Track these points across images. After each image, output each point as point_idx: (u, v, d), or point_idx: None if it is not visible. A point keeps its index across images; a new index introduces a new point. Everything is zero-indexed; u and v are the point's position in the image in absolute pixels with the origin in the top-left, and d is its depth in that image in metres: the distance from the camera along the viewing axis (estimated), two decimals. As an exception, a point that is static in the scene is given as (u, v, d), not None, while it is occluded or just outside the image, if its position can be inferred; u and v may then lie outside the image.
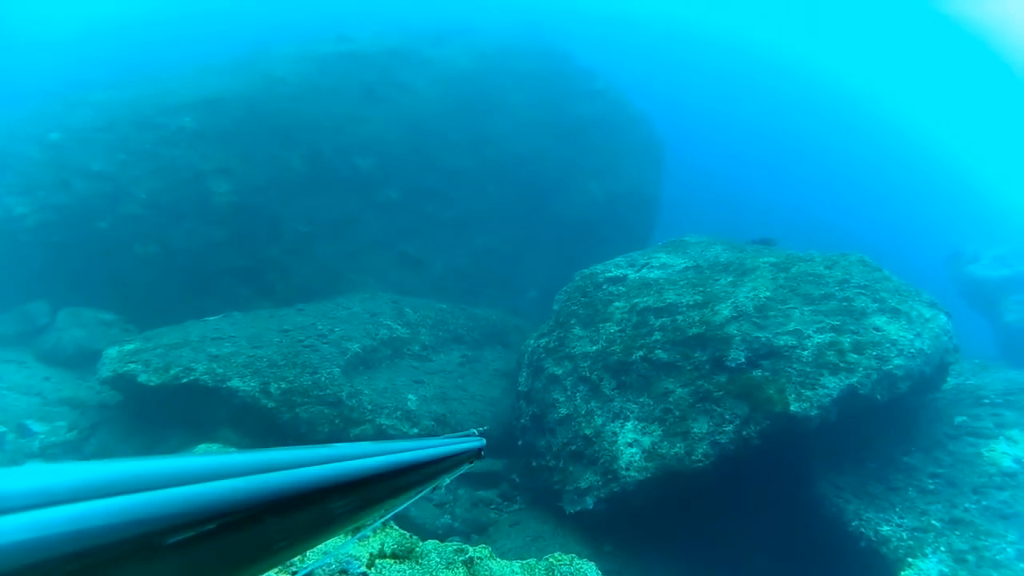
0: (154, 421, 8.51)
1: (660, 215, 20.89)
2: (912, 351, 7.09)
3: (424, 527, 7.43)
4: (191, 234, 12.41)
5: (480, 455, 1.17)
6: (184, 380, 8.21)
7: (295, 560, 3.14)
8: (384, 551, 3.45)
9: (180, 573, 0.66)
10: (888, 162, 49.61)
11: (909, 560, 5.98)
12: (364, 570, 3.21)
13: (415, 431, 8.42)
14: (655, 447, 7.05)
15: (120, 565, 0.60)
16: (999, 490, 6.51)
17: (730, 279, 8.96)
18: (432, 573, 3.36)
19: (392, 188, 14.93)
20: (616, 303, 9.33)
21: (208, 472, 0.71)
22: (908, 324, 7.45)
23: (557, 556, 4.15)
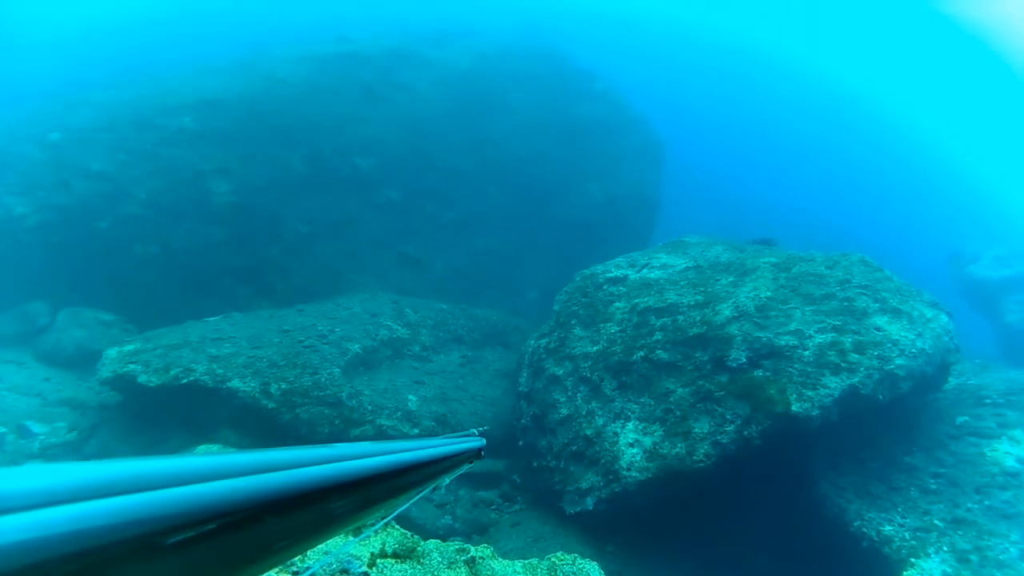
0: (154, 422, 8.50)
1: (660, 216, 20.87)
2: (914, 351, 7.07)
3: (425, 528, 7.41)
4: (191, 234, 12.40)
5: (480, 455, 1.17)
6: (184, 381, 8.20)
7: (296, 560, 3.12)
8: (385, 551, 3.43)
9: (180, 573, 0.66)
10: (888, 163, 49.62)
11: (912, 560, 5.96)
12: (365, 570, 3.19)
13: (415, 432, 8.39)
14: (656, 447, 7.04)
15: (120, 565, 0.60)
16: (1002, 490, 6.49)
17: (731, 279, 8.95)
18: (434, 573, 3.34)
19: (392, 188, 14.92)
20: (617, 303, 9.32)
21: (208, 472, 0.71)
22: (909, 324, 7.44)
23: (559, 556, 4.13)
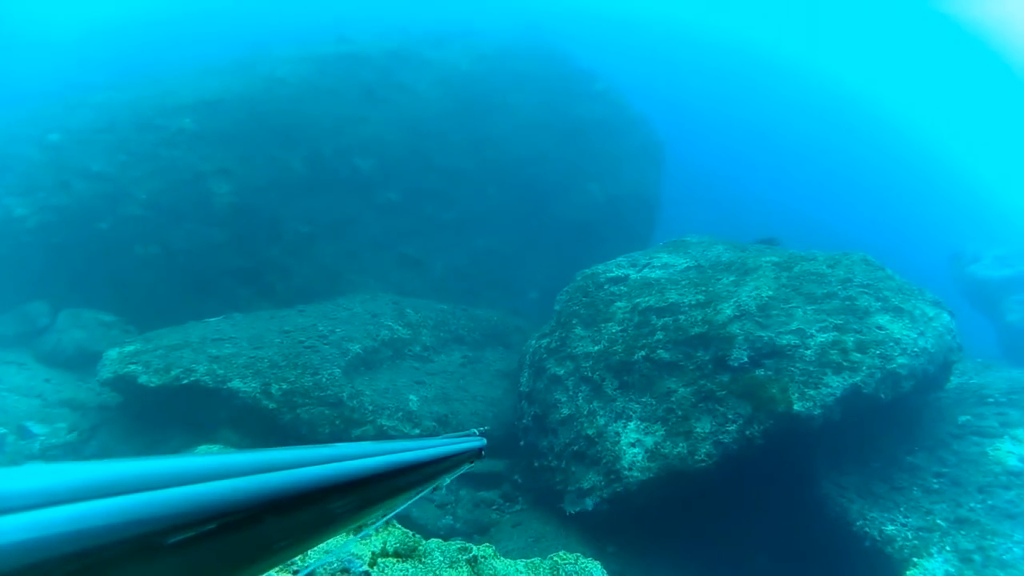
0: (155, 422, 8.48)
1: (660, 216, 20.86)
2: (916, 350, 7.05)
3: (426, 528, 7.39)
4: (191, 235, 12.39)
5: (481, 455, 1.17)
6: (185, 381, 8.18)
7: (296, 559, 3.10)
8: (387, 550, 3.41)
9: (180, 573, 0.66)
10: (888, 163, 49.62)
11: (914, 560, 5.94)
12: (366, 569, 3.17)
13: (416, 432, 8.37)
14: (658, 447, 7.02)
15: (120, 565, 0.59)
16: (1005, 489, 6.47)
17: (732, 278, 8.93)
18: (435, 572, 3.32)
19: (392, 189, 14.91)
20: (618, 303, 9.30)
21: (208, 472, 0.70)
22: (911, 323, 7.42)
23: (562, 555, 4.11)
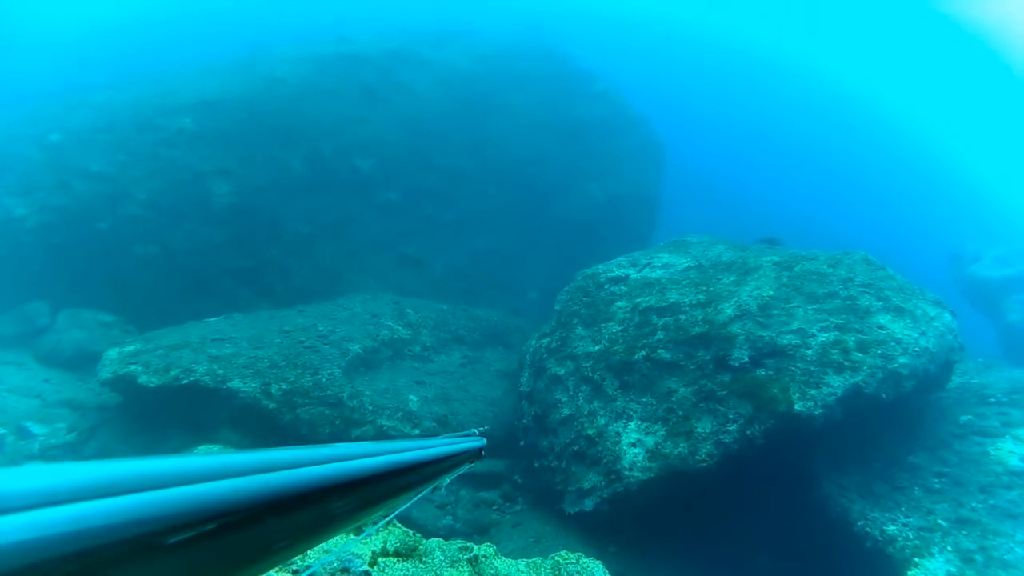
0: (154, 423, 8.47)
1: (661, 216, 20.86)
2: (917, 349, 7.04)
3: (426, 528, 7.38)
4: (191, 235, 12.38)
5: (481, 455, 1.17)
6: (184, 381, 8.17)
7: (296, 559, 3.09)
8: (387, 549, 3.39)
9: (180, 573, 0.66)
10: (888, 163, 49.61)
11: (916, 560, 5.93)
12: (367, 568, 3.16)
13: (416, 432, 8.36)
14: (658, 447, 7.00)
15: (120, 565, 0.60)
16: (1007, 489, 6.46)
17: (733, 278, 8.91)
18: (436, 572, 3.30)
19: (392, 189, 14.90)
20: (618, 303, 9.29)
21: (209, 472, 0.71)
22: (913, 322, 7.40)
23: (563, 555, 4.10)
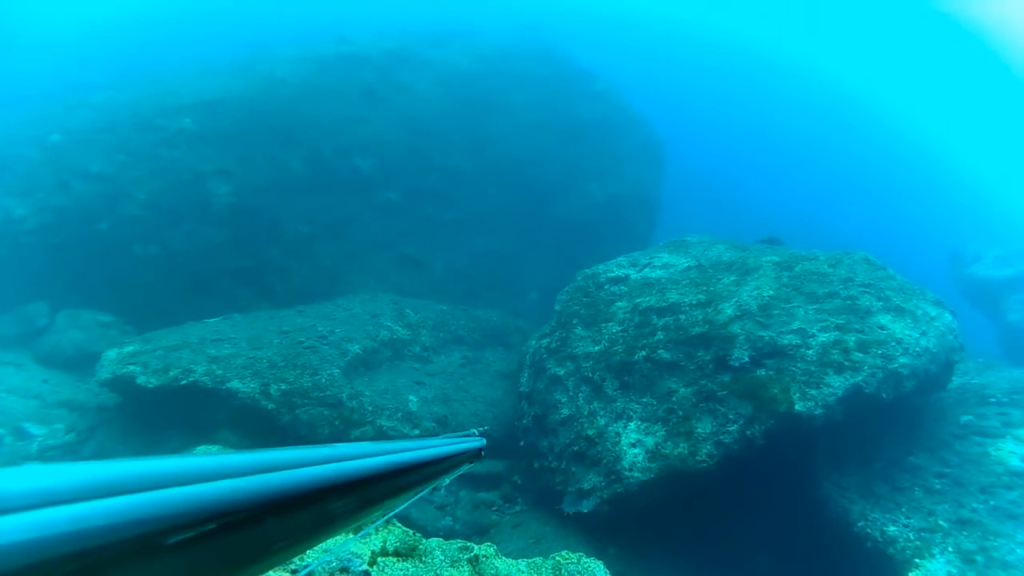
0: (153, 423, 8.46)
1: (660, 216, 20.85)
2: (917, 349, 7.03)
3: (426, 529, 7.37)
4: (191, 235, 12.37)
5: (480, 455, 1.16)
6: (183, 382, 8.16)
7: (296, 559, 3.08)
8: (387, 549, 3.38)
9: (180, 573, 0.66)
10: (888, 163, 49.61)
11: (916, 561, 5.92)
12: (366, 568, 3.15)
13: (416, 432, 8.35)
14: (658, 447, 6.99)
15: (120, 565, 0.60)
16: (1007, 489, 6.44)
17: (733, 278, 8.90)
18: (436, 571, 3.29)
19: (392, 189, 14.89)
20: (618, 303, 9.28)
21: (208, 472, 0.71)
22: (913, 322, 7.39)
23: (564, 555, 4.09)
